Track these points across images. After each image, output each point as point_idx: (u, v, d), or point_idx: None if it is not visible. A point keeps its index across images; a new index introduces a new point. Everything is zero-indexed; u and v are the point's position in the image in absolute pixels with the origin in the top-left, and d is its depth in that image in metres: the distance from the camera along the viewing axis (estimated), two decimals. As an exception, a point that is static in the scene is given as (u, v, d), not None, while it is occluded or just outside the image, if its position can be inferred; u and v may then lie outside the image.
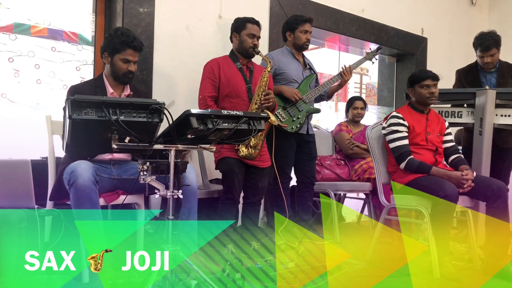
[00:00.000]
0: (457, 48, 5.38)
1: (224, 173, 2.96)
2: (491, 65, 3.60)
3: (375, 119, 5.25)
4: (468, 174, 2.82)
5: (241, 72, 3.03)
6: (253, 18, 3.06)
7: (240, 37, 3.03)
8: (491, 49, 3.54)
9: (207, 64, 3.04)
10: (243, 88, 3.00)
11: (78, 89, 2.38)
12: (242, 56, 3.06)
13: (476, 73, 3.68)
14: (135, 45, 2.45)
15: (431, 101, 3.00)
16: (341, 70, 3.40)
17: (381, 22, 4.76)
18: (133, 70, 2.48)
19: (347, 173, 3.83)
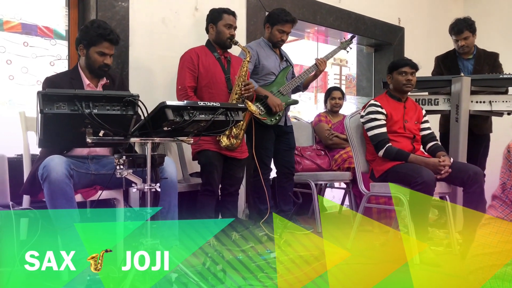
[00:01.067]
0: (434, 37, 5.43)
1: (203, 165, 2.95)
2: (466, 48, 3.66)
3: (354, 109, 5.28)
4: (445, 160, 2.86)
5: (219, 62, 3.02)
6: (229, 9, 3.05)
7: (217, 28, 3.01)
8: (463, 32, 3.62)
9: (185, 54, 3.00)
10: (222, 79, 2.99)
11: (54, 81, 2.34)
12: (219, 47, 3.04)
13: (454, 60, 3.75)
14: (111, 38, 2.41)
15: (407, 88, 3.02)
16: (315, 61, 3.41)
17: (358, 12, 4.78)
18: (109, 63, 2.44)
19: (328, 163, 3.85)
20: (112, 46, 2.45)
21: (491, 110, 3.36)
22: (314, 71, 3.40)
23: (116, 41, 2.45)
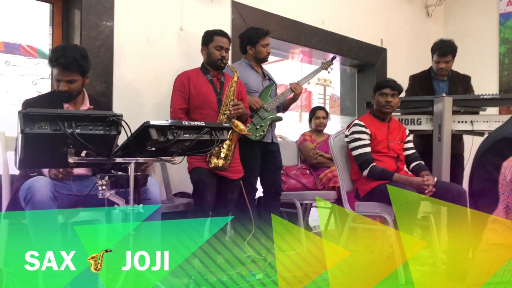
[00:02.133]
0: (416, 58, 5.54)
1: (195, 183, 2.94)
2: (444, 71, 3.74)
3: (339, 128, 5.32)
4: (429, 179, 2.88)
5: (211, 83, 3.04)
6: (221, 31, 3.08)
7: (208, 49, 3.04)
8: (447, 55, 3.70)
9: (177, 77, 3.04)
10: (213, 99, 3.00)
11: (32, 103, 2.29)
12: (212, 68, 3.06)
13: (430, 80, 3.83)
14: (59, 62, 2.26)
15: (386, 110, 3.06)
16: (289, 86, 3.42)
17: (341, 33, 4.85)
18: (63, 89, 2.30)
19: (313, 182, 3.85)
20: (65, 72, 2.28)
21: (473, 130, 3.41)
22: (290, 94, 3.42)
23: (65, 66, 2.26)
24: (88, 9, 3.16)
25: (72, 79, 2.31)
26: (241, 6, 3.98)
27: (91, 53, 3.10)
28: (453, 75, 3.82)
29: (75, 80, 2.32)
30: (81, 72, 2.33)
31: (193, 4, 3.68)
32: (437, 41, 3.79)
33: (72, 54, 2.29)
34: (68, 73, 2.30)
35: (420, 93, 3.79)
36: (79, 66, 2.30)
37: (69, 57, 2.27)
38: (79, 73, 2.33)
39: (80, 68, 2.31)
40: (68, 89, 2.31)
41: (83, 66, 2.32)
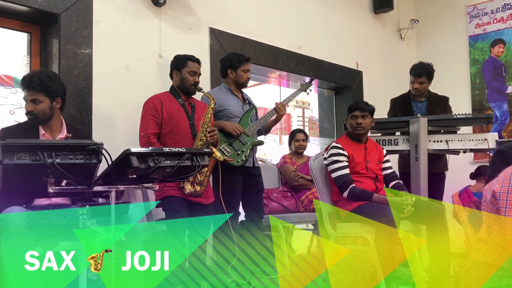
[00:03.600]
0: (390, 80, 5.68)
1: (168, 212, 2.90)
2: (418, 92, 3.85)
3: (318, 150, 5.38)
4: (407, 199, 2.93)
5: (183, 108, 3.03)
6: (193, 56, 3.10)
7: (181, 74, 3.05)
8: (421, 77, 3.82)
9: (148, 100, 3.01)
10: (186, 124, 3.00)
11: (8, 132, 2.29)
12: (183, 93, 3.07)
13: (408, 102, 3.92)
14: (24, 82, 2.35)
15: (357, 131, 3.12)
16: (275, 105, 3.47)
17: (317, 57, 4.96)
18: (30, 109, 2.35)
19: (294, 204, 3.87)
20: (30, 92, 2.34)
21: (448, 149, 3.50)
22: (274, 115, 3.46)
23: (29, 85, 2.33)
24: (66, 38, 3.17)
25: (35, 98, 2.34)
26: (219, 33, 4.05)
27: (70, 81, 3.11)
28: (430, 96, 3.94)
29: (40, 100, 2.35)
30: (45, 93, 2.36)
31: (171, 31, 3.73)
32: (415, 63, 3.93)
33: (38, 75, 2.36)
34: (32, 92, 2.34)
35: (399, 115, 3.89)
36: (42, 85, 2.34)
37: (33, 77, 2.34)
38: (44, 93, 2.36)
39: (44, 87, 2.35)
40: (33, 109, 2.34)
41: (48, 86, 2.36)
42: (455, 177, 4.05)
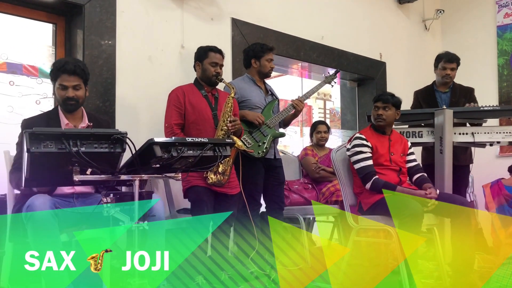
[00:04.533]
0: (414, 71, 5.58)
1: (193, 201, 2.93)
2: (449, 78, 3.78)
3: (340, 142, 5.34)
4: (431, 192, 2.88)
5: (206, 99, 3.05)
6: (215, 47, 3.10)
7: (203, 65, 3.05)
8: (453, 62, 3.76)
9: (172, 92, 3.03)
10: (209, 115, 3.01)
11: (31, 122, 2.31)
12: (206, 84, 3.08)
13: (432, 93, 3.86)
14: (66, 68, 2.33)
15: (378, 123, 3.08)
16: (291, 102, 3.45)
17: (340, 48, 4.90)
18: (70, 95, 2.35)
19: (315, 196, 3.85)
20: (71, 77, 2.34)
21: (474, 142, 3.42)
22: (292, 110, 3.44)
23: (72, 70, 2.33)
24: (90, 29, 3.20)
25: (78, 84, 2.37)
26: (241, 23, 4.03)
27: (94, 72, 3.14)
28: (454, 86, 3.86)
29: (80, 86, 2.39)
30: (84, 81, 2.40)
31: (194, 22, 3.73)
32: (443, 52, 3.88)
33: (76, 62, 2.40)
34: (75, 78, 2.36)
35: (424, 106, 3.82)
36: (83, 72, 2.39)
37: (71, 63, 2.36)
38: (83, 81, 2.40)
39: (84, 75, 2.40)
40: (75, 95, 2.36)
41: (86, 73, 2.42)
42: (479, 171, 3.96)
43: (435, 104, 3.76)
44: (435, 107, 3.70)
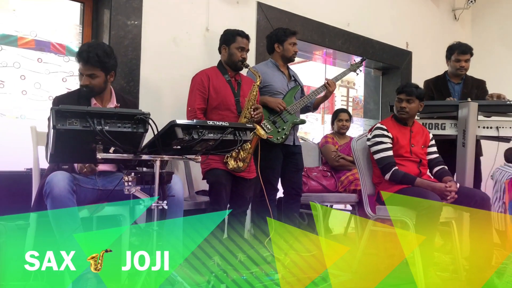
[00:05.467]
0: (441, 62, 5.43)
1: (212, 184, 2.96)
2: (464, 70, 3.75)
3: (361, 131, 5.30)
4: (451, 185, 2.85)
5: (229, 84, 3.05)
6: (243, 32, 3.08)
7: (230, 50, 3.04)
8: (467, 54, 3.75)
9: (196, 75, 3.04)
10: (232, 101, 3.02)
11: (62, 100, 2.36)
12: (230, 69, 3.08)
13: (445, 83, 3.84)
14: (82, 56, 2.35)
15: (401, 115, 3.04)
16: (325, 81, 3.44)
17: (366, 36, 4.83)
18: (84, 83, 2.37)
19: (334, 184, 3.85)
20: (86, 66, 2.35)
21: (498, 136, 3.36)
22: (323, 91, 3.42)
23: (86, 60, 2.34)
24: (117, 9, 3.23)
25: (92, 73, 2.37)
26: (266, 7, 4.01)
27: (119, 52, 3.18)
28: (466, 78, 3.86)
29: (96, 75, 2.38)
30: (102, 68, 2.39)
31: (219, 4, 3.72)
32: (454, 43, 3.85)
33: (95, 50, 2.36)
34: (89, 67, 2.36)
35: (436, 96, 3.79)
36: (99, 61, 2.36)
37: (91, 52, 2.35)
38: (100, 69, 2.38)
39: (101, 64, 2.37)
40: (89, 83, 2.38)
41: (104, 62, 2.38)
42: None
43: (448, 95, 3.76)
44: (448, 97, 3.67)
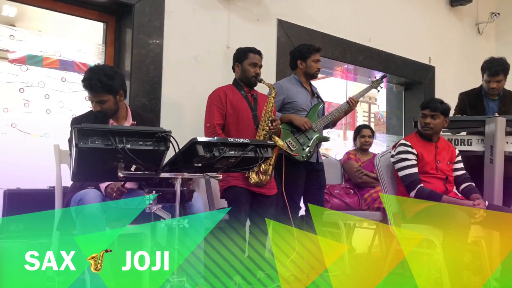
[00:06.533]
0: (465, 76, 5.38)
1: (231, 202, 2.94)
2: (496, 91, 3.60)
3: (384, 147, 5.22)
4: (480, 203, 2.76)
5: (246, 99, 3.06)
6: (254, 48, 3.10)
7: (243, 66, 3.06)
8: (499, 75, 3.56)
9: (213, 92, 3.06)
10: (249, 116, 3.02)
11: (79, 121, 2.36)
12: (245, 85, 3.09)
13: (480, 99, 3.69)
14: (85, 85, 2.33)
15: (425, 131, 2.97)
16: (348, 99, 3.41)
17: (388, 51, 4.79)
18: (95, 109, 2.37)
19: (357, 202, 3.78)
20: (91, 93, 2.34)
21: (528, 152, 3.25)
22: (345, 109, 3.40)
23: (90, 87, 2.32)
24: (139, 28, 3.28)
25: (101, 99, 2.36)
26: (287, 25, 4.02)
27: (141, 70, 3.22)
28: (504, 94, 3.68)
29: (105, 100, 2.36)
30: (108, 92, 2.36)
31: (240, 22, 3.74)
32: (487, 60, 3.66)
33: (96, 76, 2.32)
34: (96, 94, 2.35)
35: (469, 111, 3.67)
36: (104, 86, 2.33)
37: (93, 79, 2.32)
38: (107, 93, 2.36)
39: (106, 88, 2.34)
40: (100, 109, 2.37)
41: (109, 85, 2.34)
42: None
43: (483, 111, 3.60)
44: (481, 113, 3.54)
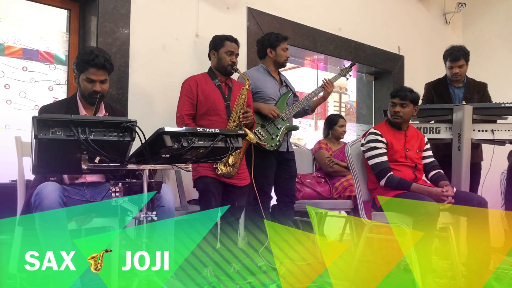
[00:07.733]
0: (433, 65, 5.44)
1: (201, 192, 2.90)
2: (459, 76, 3.71)
3: (354, 136, 5.26)
4: (448, 190, 2.81)
5: (219, 89, 3.01)
6: (231, 36, 3.05)
7: (218, 54, 3.01)
8: (460, 60, 3.68)
9: (184, 81, 3.00)
10: (222, 106, 2.97)
11: (49, 109, 2.29)
12: (220, 74, 3.03)
13: (446, 87, 3.79)
14: (96, 62, 2.30)
15: (395, 120, 3.00)
16: (322, 82, 3.41)
17: (358, 40, 4.81)
18: (98, 89, 2.32)
19: (328, 191, 3.79)
20: (100, 72, 2.32)
21: (494, 139, 3.32)
22: (319, 93, 3.40)
23: (102, 65, 2.31)
24: (105, 16, 3.17)
25: (105, 78, 2.36)
26: (257, 13, 3.97)
27: (107, 59, 3.11)
28: (468, 81, 3.79)
29: (107, 80, 2.37)
30: (109, 72, 2.39)
31: (209, 10, 3.67)
32: (448, 48, 3.79)
33: (101, 53, 2.36)
34: (103, 73, 2.34)
35: (436, 100, 3.74)
36: (111, 66, 2.37)
37: (101, 57, 2.32)
38: (108, 74, 2.38)
39: (110, 68, 2.37)
40: (101, 89, 2.34)
41: (111, 66, 2.39)
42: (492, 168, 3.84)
43: (449, 99, 3.71)
44: (449, 101, 3.63)
